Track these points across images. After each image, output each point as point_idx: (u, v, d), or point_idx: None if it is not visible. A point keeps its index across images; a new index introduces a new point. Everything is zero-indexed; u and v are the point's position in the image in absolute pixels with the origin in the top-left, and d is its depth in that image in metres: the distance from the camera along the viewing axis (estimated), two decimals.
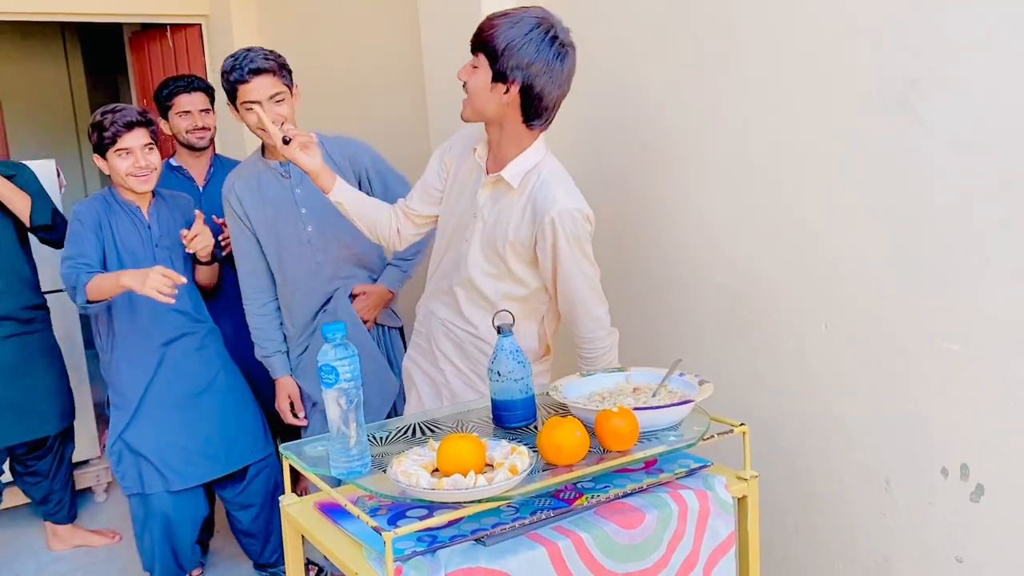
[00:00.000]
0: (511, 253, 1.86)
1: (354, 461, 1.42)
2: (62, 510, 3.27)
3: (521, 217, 1.84)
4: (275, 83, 2.30)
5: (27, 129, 6.76)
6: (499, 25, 1.76)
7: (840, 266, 1.81)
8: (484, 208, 1.89)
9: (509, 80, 1.77)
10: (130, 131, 2.47)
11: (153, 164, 2.53)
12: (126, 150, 2.48)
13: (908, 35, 1.62)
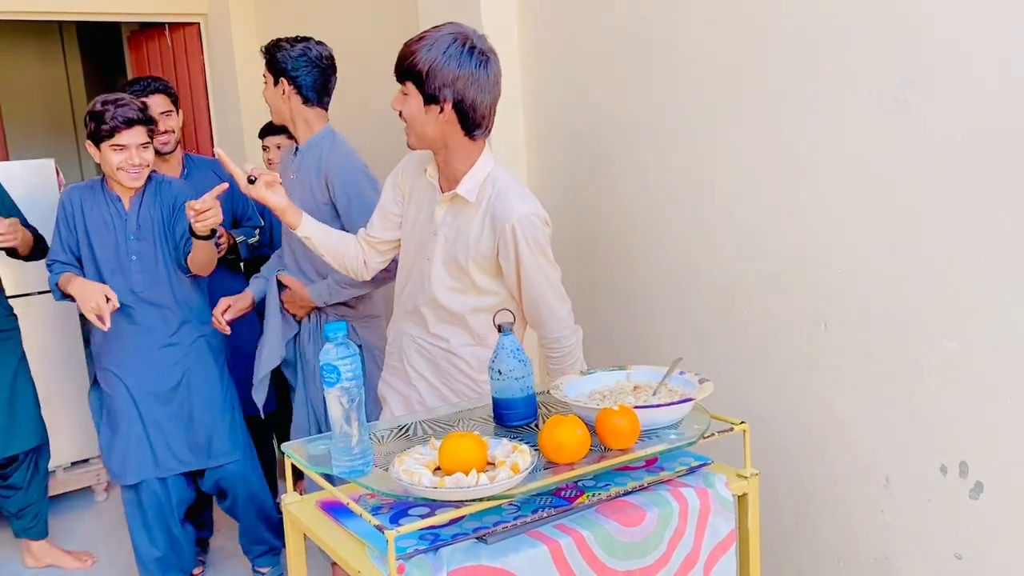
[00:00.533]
0: (474, 266, 1.88)
1: (356, 460, 1.43)
2: (37, 524, 3.16)
3: (480, 229, 1.86)
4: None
5: (25, 128, 6.76)
6: (417, 50, 1.79)
7: (838, 265, 1.81)
8: (443, 225, 1.91)
9: (441, 100, 1.79)
10: (129, 128, 2.47)
11: (147, 161, 2.54)
12: (121, 146, 2.48)
13: (905, 34, 1.63)
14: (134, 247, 2.59)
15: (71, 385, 3.71)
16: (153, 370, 2.63)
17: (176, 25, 4.87)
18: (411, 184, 2.02)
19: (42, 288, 3.59)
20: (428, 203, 1.96)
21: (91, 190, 2.63)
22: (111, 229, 2.60)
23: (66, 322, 3.70)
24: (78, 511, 3.69)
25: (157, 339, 2.63)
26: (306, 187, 2.47)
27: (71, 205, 2.61)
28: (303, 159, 2.49)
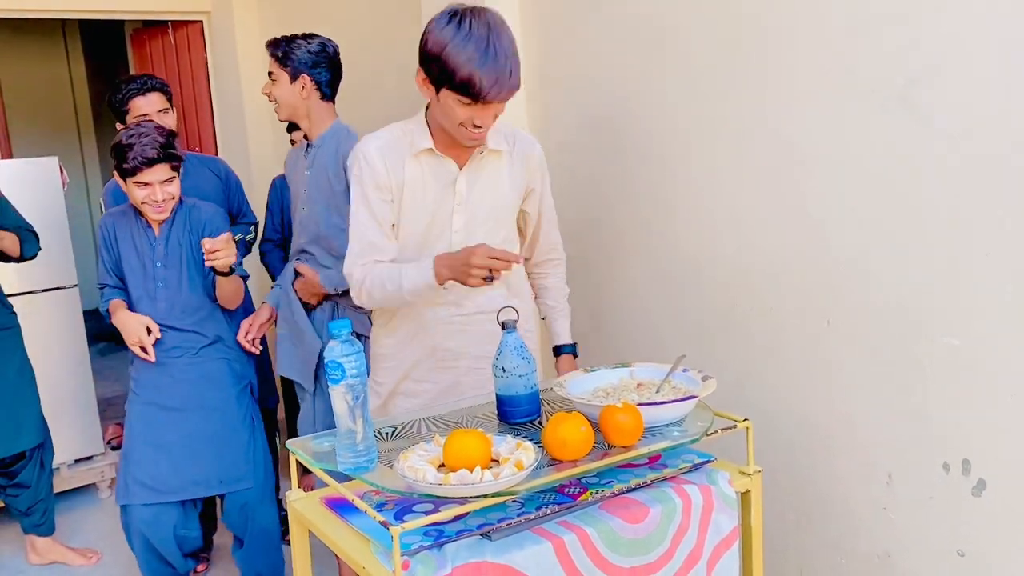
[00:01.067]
0: (508, 214, 1.95)
1: (360, 457, 1.43)
2: (46, 521, 3.17)
3: (512, 172, 1.93)
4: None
5: (29, 126, 6.77)
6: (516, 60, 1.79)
7: (841, 262, 1.82)
8: (468, 193, 1.89)
9: None
10: (150, 167, 2.43)
11: (171, 194, 2.51)
12: (145, 183, 2.46)
13: (909, 32, 1.63)
14: (160, 274, 2.59)
15: (74, 382, 3.73)
16: (172, 390, 2.60)
17: (179, 23, 4.87)
18: (399, 177, 1.89)
19: (46, 286, 3.62)
20: (438, 182, 1.89)
21: (124, 216, 2.64)
22: (140, 255, 2.61)
23: (69, 318, 3.71)
24: (82, 508, 3.71)
25: (181, 360, 2.61)
26: (322, 180, 2.50)
27: (109, 230, 2.63)
28: (318, 153, 2.52)
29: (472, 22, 1.69)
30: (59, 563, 3.21)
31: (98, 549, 3.31)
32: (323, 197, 2.50)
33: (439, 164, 1.89)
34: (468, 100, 1.71)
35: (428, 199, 1.90)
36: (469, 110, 1.74)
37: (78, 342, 3.75)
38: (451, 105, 1.74)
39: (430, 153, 1.88)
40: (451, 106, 1.75)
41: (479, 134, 1.80)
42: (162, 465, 2.57)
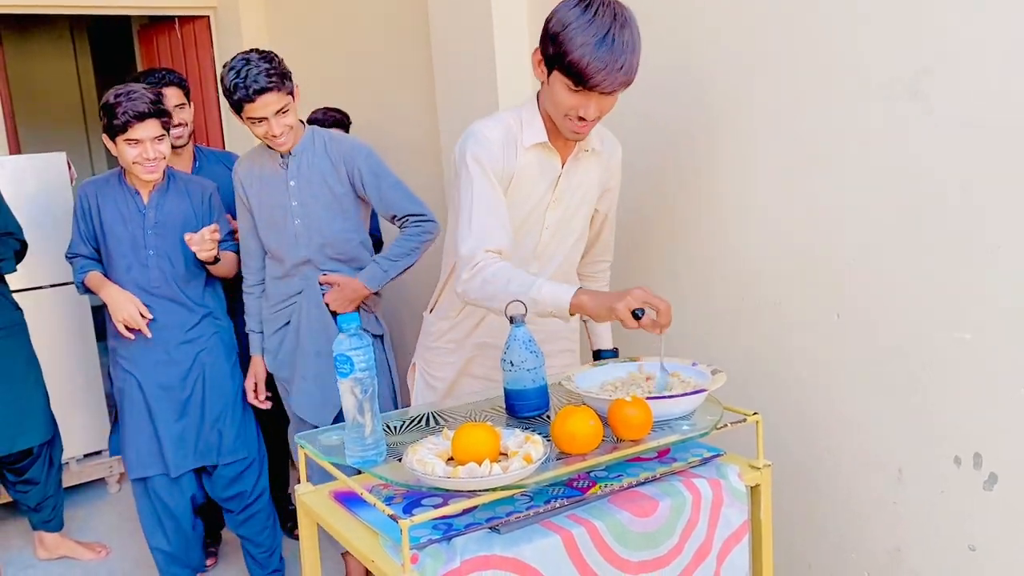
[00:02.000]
0: (589, 209, 1.96)
1: (369, 450, 1.43)
2: (56, 517, 3.18)
3: (599, 169, 1.93)
4: (279, 98, 2.33)
5: (36, 122, 6.79)
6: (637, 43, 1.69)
7: (850, 255, 1.81)
8: (564, 190, 1.88)
9: None
10: (141, 122, 2.42)
11: (162, 154, 2.50)
12: (135, 140, 2.45)
13: (918, 25, 1.62)
14: (152, 241, 2.57)
15: (83, 377, 3.74)
16: (168, 367, 2.61)
17: (186, 18, 4.88)
18: (512, 168, 1.83)
19: (54, 281, 3.62)
20: (543, 177, 1.86)
21: (108, 183, 2.61)
22: (127, 223, 2.58)
23: (77, 314, 3.72)
24: (91, 503, 3.72)
25: (174, 335, 2.61)
26: (315, 186, 2.47)
27: (87, 199, 2.60)
28: (300, 162, 2.47)
29: (599, 9, 1.64)
30: (68, 557, 3.22)
31: (107, 543, 3.31)
32: (320, 204, 2.47)
33: (547, 158, 1.85)
34: (575, 85, 1.67)
35: (531, 192, 1.86)
36: (575, 98, 1.69)
37: (86, 338, 3.76)
38: (559, 90, 1.70)
39: (542, 146, 1.83)
40: (559, 91, 1.70)
41: (582, 127, 1.74)
42: (168, 438, 2.61)
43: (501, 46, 2.65)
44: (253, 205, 2.54)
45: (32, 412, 2.98)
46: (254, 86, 2.28)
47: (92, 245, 2.62)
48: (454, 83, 2.87)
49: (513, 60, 2.66)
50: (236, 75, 2.29)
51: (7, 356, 2.91)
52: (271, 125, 2.35)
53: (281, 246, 2.52)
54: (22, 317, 3.00)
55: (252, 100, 2.30)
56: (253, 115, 2.33)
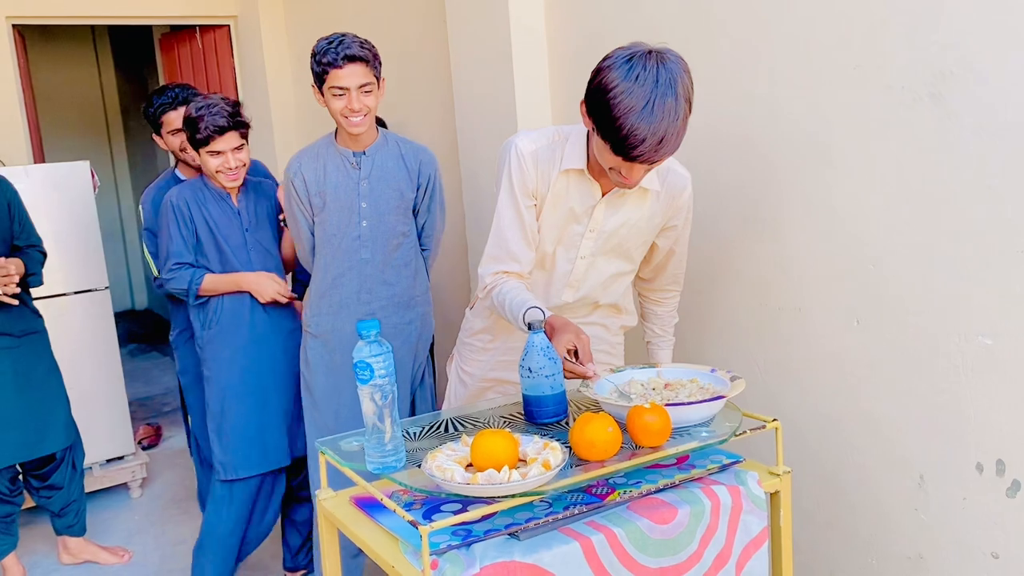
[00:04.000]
0: (641, 246, 1.90)
1: (389, 456, 1.44)
2: (79, 522, 3.20)
3: (656, 209, 1.85)
4: (367, 73, 2.29)
5: (60, 131, 6.87)
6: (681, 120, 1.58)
7: (871, 260, 1.80)
8: (603, 221, 1.83)
9: None
10: (221, 135, 2.53)
11: (242, 161, 2.60)
12: (217, 152, 2.55)
13: (938, 28, 1.61)
14: (251, 240, 2.67)
15: (105, 383, 3.78)
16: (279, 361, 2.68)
17: (207, 27, 4.93)
18: (545, 188, 1.82)
19: (77, 288, 3.67)
20: (579, 203, 1.81)
21: (197, 189, 2.68)
22: (230, 224, 2.66)
23: (101, 321, 3.76)
24: (113, 508, 3.76)
25: (284, 327, 2.68)
26: (389, 188, 2.43)
27: (185, 206, 2.63)
28: (375, 161, 2.42)
29: (642, 73, 1.52)
30: (91, 562, 3.24)
31: (129, 547, 3.34)
32: (389, 205, 2.44)
33: (584, 185, 1.80)
34: (615, 153, 1.59)
35: (565, 217, 1.84)
36: (616, 160, 1.61)
37: (109, 344, 3.80)
38: (602, 147, 1.62)
39: (579, 173, 1.79)
40: (602, 148, 1.62)
41: (627, 182, 1.67)
42: (266, 435, 2.67)
43: (518, 49, 2.65)
44: (316, 204, 2.43)
45: (54, 418, 3.01)
46: (346, 52, 2.24)
47: (193, 253, 2.65)
48: (472, 84, 2.89)
49: (530, 62, 2.66)
50: (328, 43, 2.26)
51: (29, 363, 2.94)
52: (351, 99, 2.27)
53: (337, 249, 2.45)
54: (43, 325, 3.03)
55: (340, 66, 2.24)
56: (336, 84, 2.25)
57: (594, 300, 1.96)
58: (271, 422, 2.68)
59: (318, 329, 2.51)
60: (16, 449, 2.89)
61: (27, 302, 2.95)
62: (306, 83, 4.57)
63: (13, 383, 2.87)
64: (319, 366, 2.53)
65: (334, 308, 2.49)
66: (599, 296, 1.96)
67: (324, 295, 2.49)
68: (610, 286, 1.96)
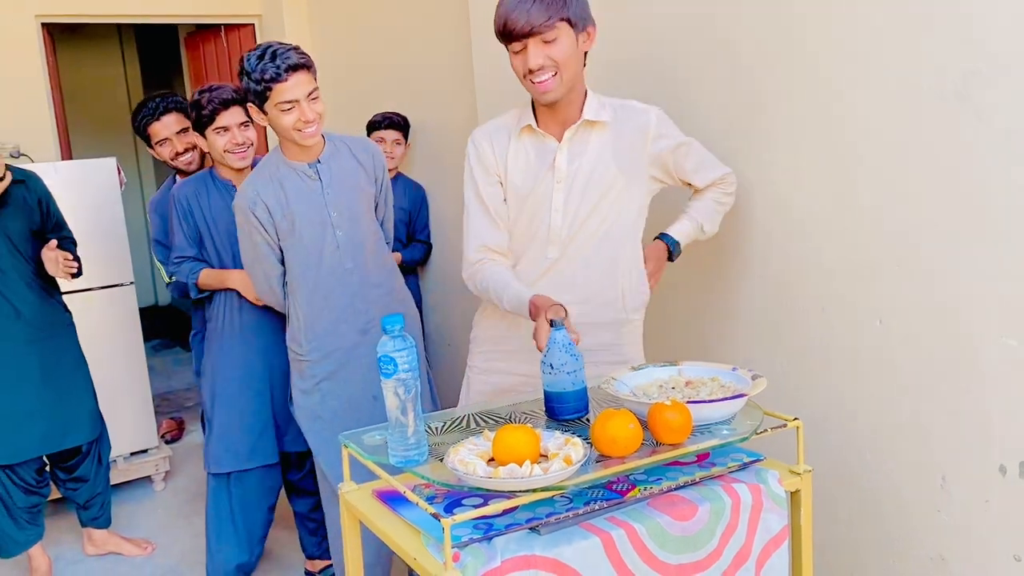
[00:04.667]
0: (622, 177, 1.92)
1: (412, 450, 1.46)
2: (104, 514, 3.22)
3: (617, 144, 1.90)
4: (310, 79, 2.19)
5: (85, 127, 6.95)
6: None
7: (895, 260, 1.79)
8: (570, 168, 1.90)
9: (590, 28, 1.86)
10: (227, 109, 2.57)
11: (250, 140, 2.63)
12: (223, 128, 2.58)
13: (966, 26, 1.60)
14: None
15: (130, 377, 3.82)
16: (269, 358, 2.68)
17: (231, 26, 4.98)
18: (502, 158, 1.94)
19: (103, 283, 3.71)
20: (538, 160, 1.91)
21: (202, 183, 2.70)
22: (230, 216, 2.61)
23: (126, 316, 3.80)
24: (137, 500, 3.80)
25: (274, 323, 2.66)
26: (353, 191, 2.36)
27: (187, 201, 2.67)
28: (331, 167, 2.34)
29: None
30: (115, 553, 3.28)
31: (152, 539, 3.38)
32: (360, 210, 2.37)
33: (540, 141, 1.92)
34: (507, 43, 1.79)
35: (529, 178, 1.92)
36: (518, 59, 1.81)
37: (134, 338, 3.85)
38: (510, 61, 1.80)
39: (530, 131, 1.91)
40: (511, 62, 1.81)
41: (543, 83, 1.81)
42: (254, 432, 2.69)
43: None
44: (280, 231, 2.30)
45: (79, 411, 3.04)
46: (287, 63, 2.12)
47: (196, 247, 2.70)
48: (492, 79, 2.90)
49: None
50: (261, 58, 2.13)
51: (56, 356, 2.97)
52: (303, 109, 2.16)
53: (321, 265, 2.33)
54: (71, 318, 3.07)
55: (284, 79, 2.12)
56: (284, 98, 2.14)
57: (584, 257, 1.95)
58: (258, 418, 2.69)
59: (319, 353, 2.38)
60: (42, 441, 2.92)
61: (56, 296, 3.00)
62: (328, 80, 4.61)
63: (40, 375, 2.91)
64: (328, 393, 2.41)
65: (331, 327, 2.37)
66: (589, 254, 1.95)
67: (317, 318, 2.37)
68: (601, 243, 1.94)
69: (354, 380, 2.40)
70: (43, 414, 2.91)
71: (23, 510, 2.95)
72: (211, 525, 2.76)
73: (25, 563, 3.11)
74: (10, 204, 2.79)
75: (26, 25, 4.33)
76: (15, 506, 2.93)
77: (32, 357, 2.89)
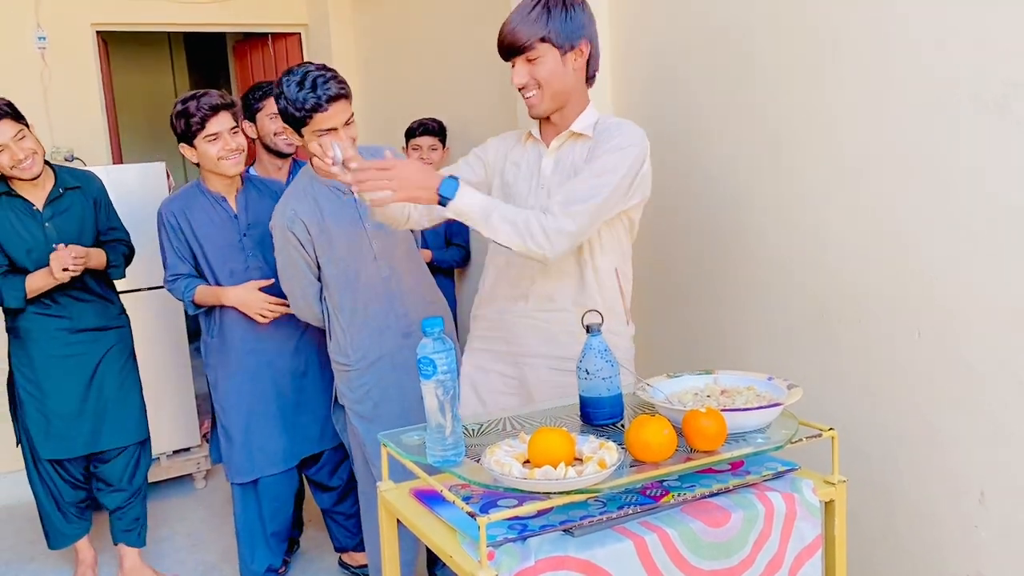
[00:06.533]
0: None
1: (449, 450, 1.49)
2: (137, 528, 3.08)
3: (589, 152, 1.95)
4: (347, 106, 2.21)
5: (136, 133, 7.13)
6: (535, 13, 1.88)
7: (933, 272, 1.78)
8: (553, 174, 1.98)
9: (580, 42, 1.91)
10: (216, 115, 2.54)
11: (241, 145, 2.60)
12: (214, 135, 2.55)
13: (1008, 38, 1.60)
14: (248, 244, 2.67)
15: (175, 376, 3.91)
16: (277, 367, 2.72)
17: (278, 35, 5.08)
18: (503, 157, 2.10)
19: (150, 284, 3.81)
20: (530, 165, 2.04)
21: (191, 197, 2.67)
22: (222, 230, 2.66)
23: (172, 315, 3.90)
24: (178, 497, 3.89)
25: (282, 333, 2.70)
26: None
27: (174, 216, 2.64)
28: None
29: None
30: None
31: (192, 536, 3.44)
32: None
33: (535, 147, 2.05)
34: (502, 57, 1.95)
35: (522, 178, 2.03)
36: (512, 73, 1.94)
37: (179, 338, 3.94)
38: None
39: (531, 138, 2.06)
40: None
41: (528, 100, 1.94)
42: (268, 440, 2.73)
43: None
44: (321, 244, 2.33)
45: (126, 414, 3.01)
46: (327, 93, 2.14)
47: (189, 262, 2.69)
48: None
49: None
50: (300, 87, 2.14)
51: (109, 357, 2.97)
52: (339, 135, 2.19)
53: (361, 279, 2.37)
54: (127, 320, 3.07)
55: (325, 110, 2.15)
56: (322, 127, 2.17)
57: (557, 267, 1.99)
58: (272, 427, 2.73)
59: (365, 362, 2.42)
60: (89, 439, 2.93)
61: (112, 297, 3.02)
62: (374, 89, 4.68)
63: (91, 376, 2.92)
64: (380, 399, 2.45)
65: (375, 335, 2.41)
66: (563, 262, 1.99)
67: (361, 328, 2.41)
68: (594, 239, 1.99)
69: (404, 383, 2.44)
70: (91, 413, 2.93)
71: (71, 504, 3.00)
72: (241, 534, 2.82)
73: (72, 555, 3.19)
74: (68, 210, 2.83)
75: (83, 33, 4.46)
76: (63, 500, 2.98)
77: (86, 358, 2.92)
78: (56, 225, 2.80)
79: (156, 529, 3.47)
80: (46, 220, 2.79)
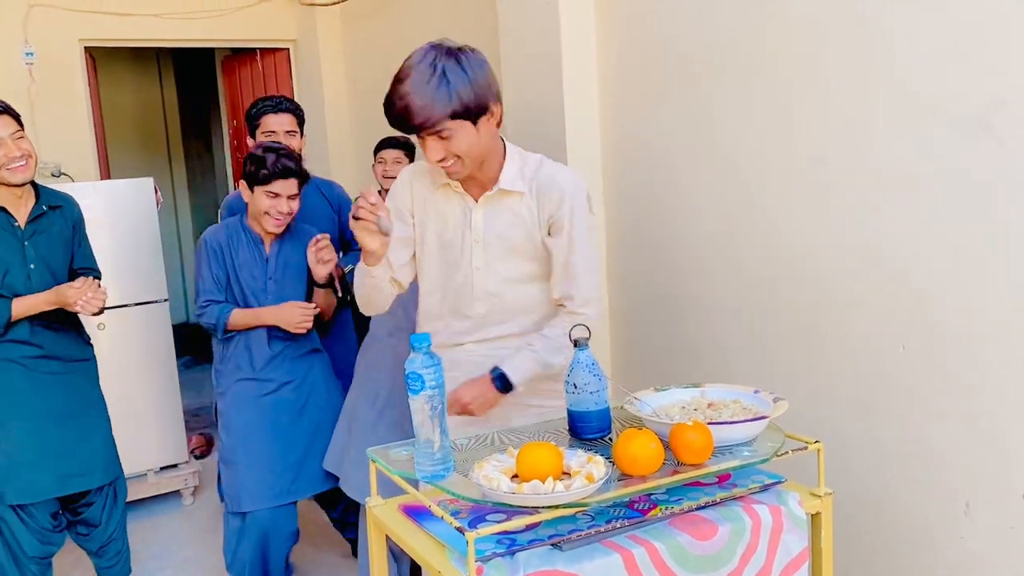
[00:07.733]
0: (531, 248, 1.94)
1: (438, 465, 1.49)
2: (120, 563, 2.93)
3: (530, 211, 1.92)
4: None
5: (124, 148, 7.11)
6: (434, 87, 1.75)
7: (919, 285, 1.80)
8: (487, 229, 1.93)
9: (491, 107, 1.82)
10: (284, 179, 2.63)
11: (293, 211, 2.69)
12: (274, 193, 2.63)
13: (991, 57, 1.62)
14: (271, 288, 2.74)
15: (163, 392, 3.90)
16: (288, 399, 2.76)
17: (267, 50, 5.10)
18: (421, 207, 1.99)
19: (139, 300, 3.80)
20: (457, 219, 1.95)
21: (234, 230, 2.76)
22: (253, 269, 2.74)
23: (160, 332, 3.88)
24: (166, 514, 3.86)
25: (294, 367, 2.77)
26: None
27: (218, 244, 2.73)
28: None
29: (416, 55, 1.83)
30: None
31: (180, 552, 3.42)
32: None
33: (459, 199, 1.96)
34: None
35: (449, 229, 1.96)
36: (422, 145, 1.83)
37: (167, 354, 3.92)
38: None
39: (448, 187, 1.95)
40: None
41: (448, 170, 1.85)
42: (274, 472, 2.72)
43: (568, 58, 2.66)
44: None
45: (95, 451, 2.78)
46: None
47: (223, 289, 2.74)
48: (522, 102, 2.93)
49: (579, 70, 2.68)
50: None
51: (76, 391, 2.76)
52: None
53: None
54: (93, 352, 2.86)
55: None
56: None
57: (507, 310, 1.98)
58: (279, 459, 2.73)
59: None
60: (60, 481, 2.68)
61: (81, 329, 2.82)
62: (362, 105, 4.68)
63: (62, 411, 2.69)
64: None
65: None
66: (510, 306, 1.98)
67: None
68: (518, 290, 1.97)
69: None
70: (63, 452, 2.68)
71: (33, 560, 2.68)
72: (234, 567, 2.80)
73: None
74: (47, 230, 2.66)
75: (71, 49, 4.47)
76: (24, 556, 2.66)
77: (55, 390, 2.68)
78: (35, 244, 2.63)
79: (144, 547, 3.45)
80: (26, 239, 2.61)
